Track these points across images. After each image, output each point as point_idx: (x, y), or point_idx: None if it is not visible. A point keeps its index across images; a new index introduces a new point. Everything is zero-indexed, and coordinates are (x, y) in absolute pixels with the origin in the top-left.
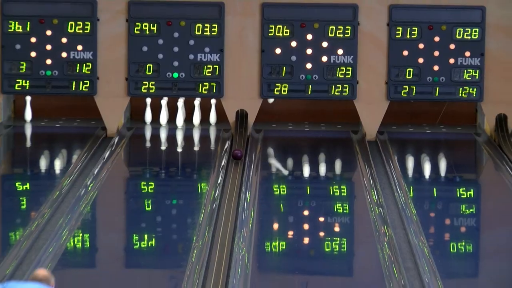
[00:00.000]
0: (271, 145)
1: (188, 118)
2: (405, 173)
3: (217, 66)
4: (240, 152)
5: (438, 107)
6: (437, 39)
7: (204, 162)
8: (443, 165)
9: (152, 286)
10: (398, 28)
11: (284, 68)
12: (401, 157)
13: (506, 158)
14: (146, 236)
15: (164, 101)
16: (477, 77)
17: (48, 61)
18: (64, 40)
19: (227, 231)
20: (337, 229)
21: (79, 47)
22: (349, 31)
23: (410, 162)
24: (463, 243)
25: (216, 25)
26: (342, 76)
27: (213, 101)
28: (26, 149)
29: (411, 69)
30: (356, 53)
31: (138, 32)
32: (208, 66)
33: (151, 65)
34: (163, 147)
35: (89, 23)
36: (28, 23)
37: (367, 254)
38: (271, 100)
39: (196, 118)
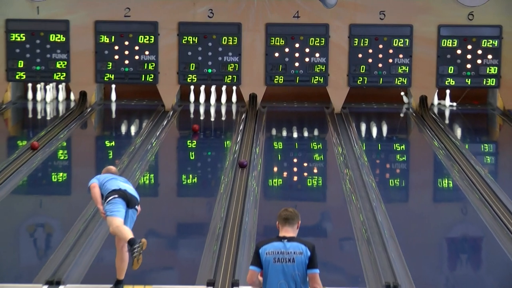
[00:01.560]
0: (272, 117)
1: (218, 99)
2: (360, 134)
3: (237, 64)
4: (246, 162)
5: (381, 92)
6: (381, 46)
7: (228, 127)
8: (385, 128)
9: (194, 209)
10: (355, 39)
11: (281, 65)
12: (357, 124)
13: (426, 124)
14: (190, 175)
15: (202, 87)
16: (407, 71)
17: (126, 62)
18: (136, 47)
19: (244, 172)
20: (315, 170)
21: (146, 52)
22: (323, 41)
23: (363, 127)
24: (398, 179)
25: (236, 38)
26: (319, 71)
27: (234, 87)
28: (112, 119)
29: (364, 66)
30: (327, 56)
31: (185, 42)
32: (231, 64)
33: (194, 64)
34: (201, 118)
35: (153, 36)
36: (113, 36)
37: (335, 187)
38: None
39: (223, 98)
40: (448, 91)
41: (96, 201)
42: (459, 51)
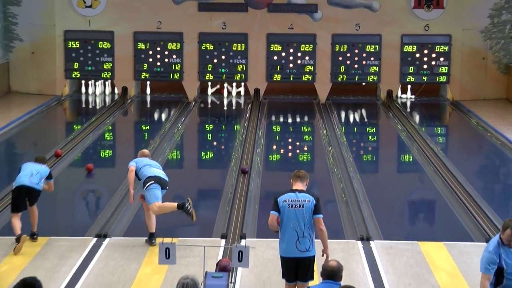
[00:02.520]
0: (272, 106)
1: (229, 92)
2: (340, 120)
3: (244, 65)
4: (247, 168)
5: (357, 87)
6: (356, 51)
7: (237, 114)
8: (359, 115)
9: (211, 178)
10: (336, 45)
11: (278, 66)
12: (338, 112)
13: (392, 112)
14: (208, 152)
15: (217, 84)
16: (377, 71)
17: (158, 63)
18: (166, 52)
19: (249, 149)
20: (305, 148)
21: (174, 56)
22: (311, 47)
23: (343, 115)
24: (370, 155)
25: (244, 44)
26: (308, 70)
27: (242, 83)
28: (146, 109)
29: (343, 66)
30: (315, 59)
31: (204, 48)
32: (239, 65)
33: (211, 65)
34: (216, 107)
35: (179, 43)
36: (148, 43)
37: (321, 161)
38: None
39: (233, 92)
40: (409, 86)
41: (130, 184)
42: (417, 55)
